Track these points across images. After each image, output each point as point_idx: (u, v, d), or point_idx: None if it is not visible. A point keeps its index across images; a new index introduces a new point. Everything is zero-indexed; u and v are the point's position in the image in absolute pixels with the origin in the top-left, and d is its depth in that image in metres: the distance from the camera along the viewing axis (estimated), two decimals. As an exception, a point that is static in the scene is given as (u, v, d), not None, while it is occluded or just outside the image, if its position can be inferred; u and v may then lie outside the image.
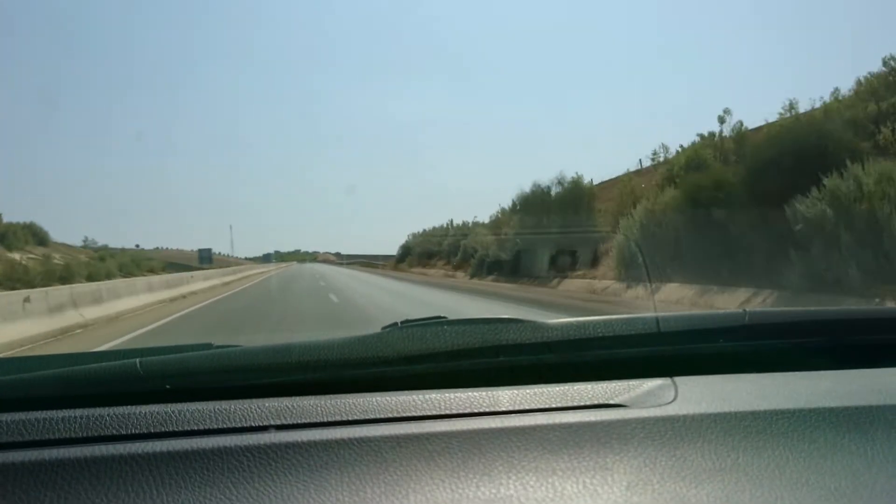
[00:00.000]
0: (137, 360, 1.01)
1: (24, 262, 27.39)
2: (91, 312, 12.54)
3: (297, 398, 0.93)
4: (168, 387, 0.99)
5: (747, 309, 1.18)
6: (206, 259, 58.36)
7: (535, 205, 23.83)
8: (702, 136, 20.85)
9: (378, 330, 1.15)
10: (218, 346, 1.17)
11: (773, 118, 17.98)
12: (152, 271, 34.37)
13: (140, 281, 18.80)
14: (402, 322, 1.19)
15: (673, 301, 12.86)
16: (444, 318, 1.19)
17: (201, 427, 0.86)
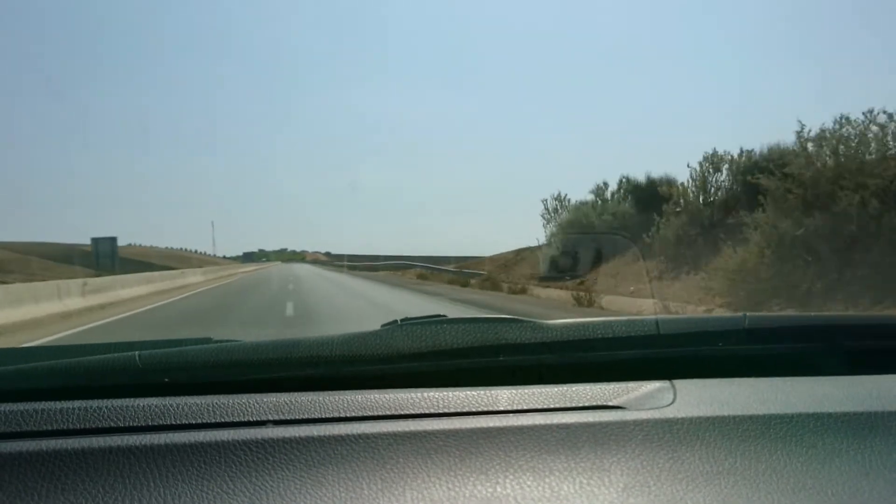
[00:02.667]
0: (137, 353, 1.02)
1: None
2: None
3: (296, 394, 0.93)
4: (167, 380, 0.99)
5: (747, 314, 1.18)
6: (104, 256, 33.20)
7: None
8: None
9: (377, 328, 1.15)
10: (217, 341, 1.17)
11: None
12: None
13: None
14: (402, 320, 1.19)
15: None
16: (444, 316, 1.19)
17: (199, 421, 0.86)
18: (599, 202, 22.71)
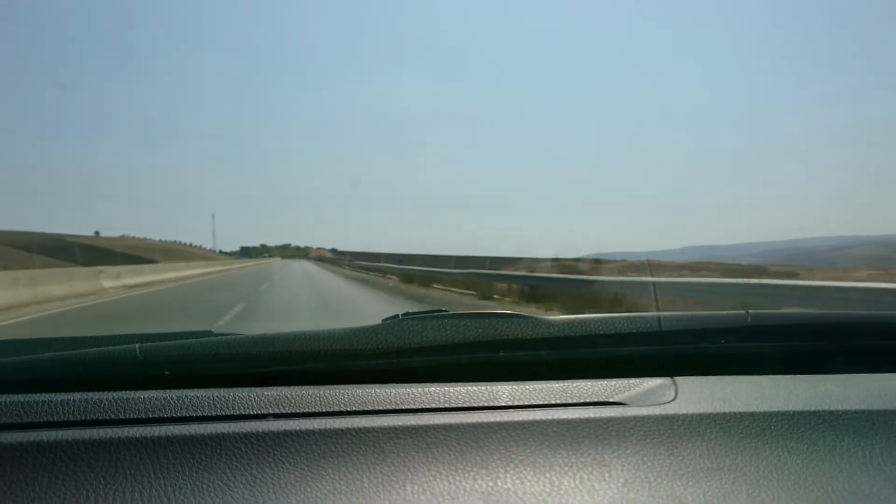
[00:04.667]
0: (137, 345, 1.02)
1: None
2: None
3: (297, 388, 0.93)
4: (167, 373, 0.99)
5: (749, 310, 1.17)
6: None
7: None
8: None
9: (379, 322, 1.15)
10: (218, 334, 1.18)
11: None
12: None
13: None
14: (402, 314, 1.19)
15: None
16: (444, 311, 1.18)
17: (200, 413, 0.86)
18: None
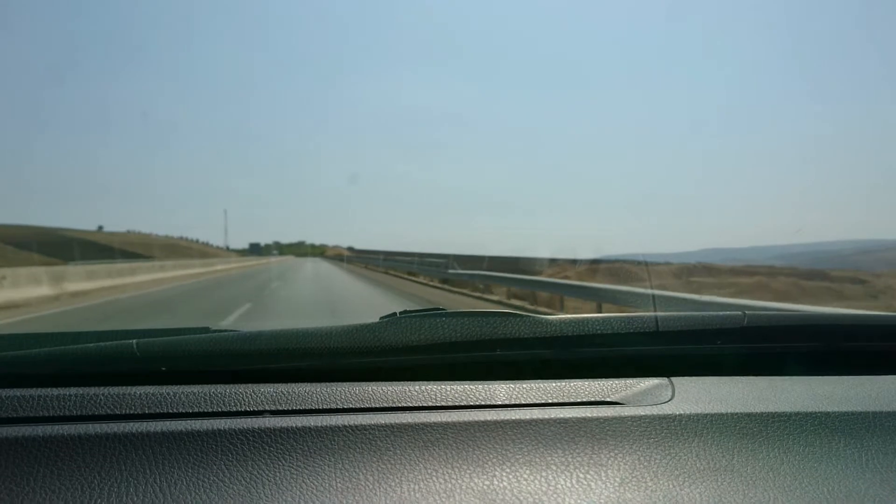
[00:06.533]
0: (134, 341, 1.01)
1: None
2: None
3: (294, 384, 0.93)
4: (164, 369, 0.99)
5: (746, 312, 1.17)
6: None
7: None
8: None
9: (376, 320, 1.15)
10: (216, 331, 1.17)
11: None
12: None
13: None
14: (400, 312, 1.18)
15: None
16: (442, 309, 1.18)
17: (196, 409, 0.86)
18: None
